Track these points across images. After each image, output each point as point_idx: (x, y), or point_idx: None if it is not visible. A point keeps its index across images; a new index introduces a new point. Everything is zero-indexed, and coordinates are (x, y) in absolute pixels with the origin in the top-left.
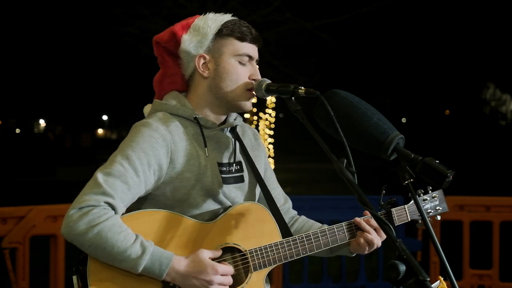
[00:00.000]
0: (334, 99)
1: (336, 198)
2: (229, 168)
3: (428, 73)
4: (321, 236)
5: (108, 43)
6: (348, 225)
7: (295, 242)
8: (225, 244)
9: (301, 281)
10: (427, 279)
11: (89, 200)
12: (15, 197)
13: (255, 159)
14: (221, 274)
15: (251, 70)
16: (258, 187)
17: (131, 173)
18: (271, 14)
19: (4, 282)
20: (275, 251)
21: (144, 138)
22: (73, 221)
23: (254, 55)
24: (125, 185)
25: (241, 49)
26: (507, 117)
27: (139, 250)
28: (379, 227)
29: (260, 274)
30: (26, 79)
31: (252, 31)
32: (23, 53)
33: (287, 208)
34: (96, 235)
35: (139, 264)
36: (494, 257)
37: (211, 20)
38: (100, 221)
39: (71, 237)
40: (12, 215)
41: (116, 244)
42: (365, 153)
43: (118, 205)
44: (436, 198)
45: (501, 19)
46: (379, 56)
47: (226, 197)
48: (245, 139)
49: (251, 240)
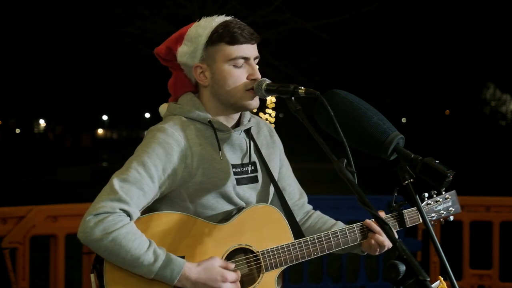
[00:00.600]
0: (334, 99)
1: (336, 198)
2: (243, 169)
3: (428, 73)
4: (333, 237)
5: (108, 43)
6: (359, 227)
7: (307, 243)
8: (237, 245)
9: (301, 281)
10: (427, 279)
11: (105, 207)
12: (15, 197)
13: (270, 157)
14: (230, 281)
15: (249, 70)
16: (272, 186)
17: (146, 179)
18: (271, 14)
19: (4, 282)
20: (287, 252)
21: (160, 144)
22: (89, 228)
23: (249, 54)
24: (140, 192)
25: (233, 53)
26: (507, 117)
27: (151, 257)
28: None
29: (272, 275)
30: (26, 79)
31: (244, 32)
32: (23, 53)
33: (302, 203)
34: (111, 242)
35: (151, 271)
36: (494, 257)
37: (202, 27)
38: (115, 229)
39: (87, 242)
40: (12, 215)
41: (130, 252)
42: (365, 153)
43: (133, 211)
44: (449, 200)
45: (501, 19)
46: (379, 56)
47: (240, 198)
48: (260, 138)
49: (264, 241)
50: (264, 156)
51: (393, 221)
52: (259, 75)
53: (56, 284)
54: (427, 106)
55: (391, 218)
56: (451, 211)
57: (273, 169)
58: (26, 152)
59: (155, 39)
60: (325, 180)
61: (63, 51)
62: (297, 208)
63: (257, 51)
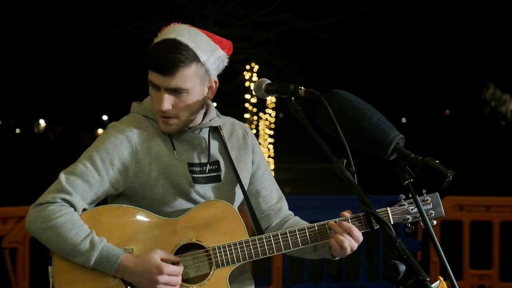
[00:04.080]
0: (334, 99)
1: (336, 198)
2: (202, 168)
3: (428, 73)
4: (290, 235)
5: (108, 43)
6: (320, 226)
7: (261, 240)
8: (188, 240)
9: (301, 281)
10: (427, 279)
11: (47, 197)
12: (15, 197)
13: (239, 159)
14: (167, 274)
15: (155, 98)
16: (239, 186)
17: (93, 172)
18: (271, 14)
19: (4, 282)
20: (239, 249)
21: (110, 139)
22: (32, 217)
23: (159, 84)
24: (86, 183)
25: (149, 75)
26: (507, 117)
27: (87, 246)
28: (352, 228)
29: (224, 272)
30: (26, 79)
31: (160, 60)
32: (23, 53)
33: (278, 208)
34: (50, 231)
35: (89, 260)
36: (494, 257)
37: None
38: (53, 217)
39: (31, 231)
40: (12, 215)
41: (66, 240)
42: (365, 153)
43: (77, 201)
44: (429, 202)
45: (501, 19)
46: (379, 56)
47: (201, 196)
48: (231, 139)
49: (215, 237)
50: (232, 157)
51: (358, 222)
52: (162, 107)
53: None
54: (427, 106)
55: (355, 219)
56: (431, 214)
57: (241, 170)
58: (26, 152)
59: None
60: (325, 180)
61: (63, 51)
62: (273, 213)
63: (174, 83)
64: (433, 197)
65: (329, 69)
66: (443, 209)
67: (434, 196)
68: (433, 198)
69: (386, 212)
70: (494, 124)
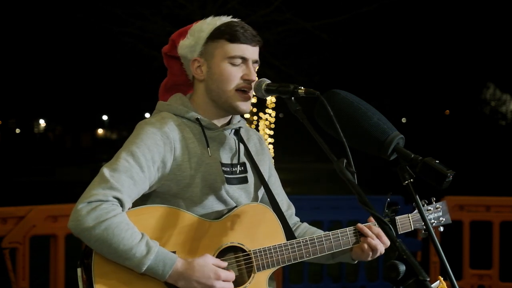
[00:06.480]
0: (334, 99)
1: (336, 198)
2: (233, 168)
3: (428, 73)
4: (325, 240)
5: (108, 43)
6: (352, 231)
7: (299, 244)
8: (230, 243)
9: (301, 281)
10: (427, 279)
11: (97, 195)
12: (15, 197)
13: (260, 163)
14: (223, 280)
15: (244, 70)
16: (262, 189)
17: (136, 168)
18: (271, 14)
19: (4, 282)
20: (279, 252)
21: (148, 135)
22: (82, 216)
23: (249, 56)
24: (131, 180)
25: (232, 51)
26: (507, 117)
27: (144, 249)
28: (381, 233)
29: (263, 275)
30: (26, 79)
31: (246, 33)
32: (23, 53)
33: (290, 214)
34: (104, 231)
35: (143, 263)
36: (494, 257)
37: (207, 24)
38: (108, 217)
39: (78, 231)
40: (12, 215)
41: (122, 242)
42: (365, 153)
43: (126, 200)
44: (439, 209)
45: (501, 19)
46: (379, 56)
47: (231, 197)
48: (250, 143)
49: (255, 241)
50: (255, 160)
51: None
52: (255, 77)
53: (56, 284)
54: (427, 106)
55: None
56: (441, 221)
57: (264, 173)
58: (26, 152)
59: (155, 39)
60: (325, 180)
61: (63, 51)
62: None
63: (257, 55)
64: (442, 205)
65: (329, 69)
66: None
67: (443, 204)
68: (442, 206)
69: (408, 219)
70: (494, 124)
